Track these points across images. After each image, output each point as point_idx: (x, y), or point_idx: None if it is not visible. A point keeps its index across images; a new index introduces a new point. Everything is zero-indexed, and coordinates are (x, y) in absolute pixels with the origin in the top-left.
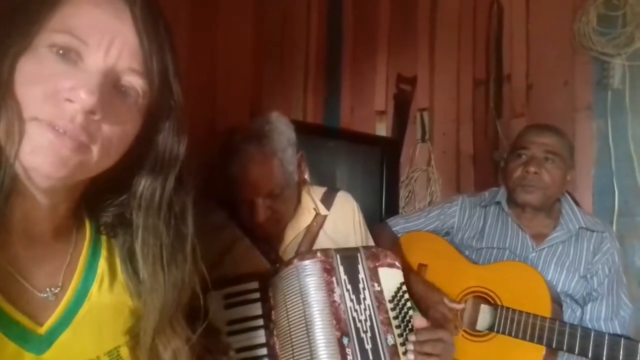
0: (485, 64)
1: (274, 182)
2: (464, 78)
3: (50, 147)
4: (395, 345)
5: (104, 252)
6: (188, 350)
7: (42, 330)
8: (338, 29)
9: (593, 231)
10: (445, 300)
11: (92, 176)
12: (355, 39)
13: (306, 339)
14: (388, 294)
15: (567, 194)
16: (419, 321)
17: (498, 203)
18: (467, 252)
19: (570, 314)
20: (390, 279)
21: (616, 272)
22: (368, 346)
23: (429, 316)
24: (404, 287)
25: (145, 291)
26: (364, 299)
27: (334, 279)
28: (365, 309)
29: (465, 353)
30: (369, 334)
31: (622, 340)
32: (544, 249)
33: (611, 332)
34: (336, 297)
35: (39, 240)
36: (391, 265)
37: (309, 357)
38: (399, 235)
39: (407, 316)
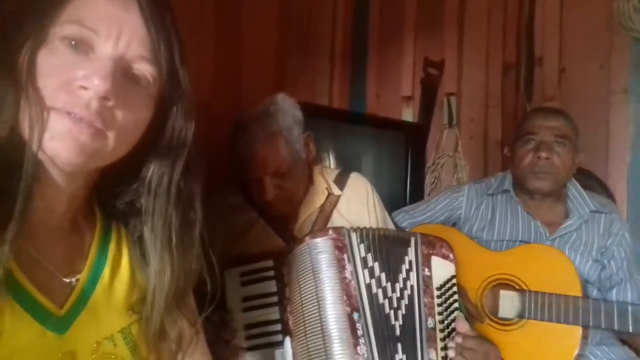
0: (516, 46)
1: (280, 160)
2: (493, 62)
3: (68, 133)
4: (434, 329)
5: (114, 238)
6: (193, 331)
7: (62, 312)
8: (364, 12)
9: (602, 213)
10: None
11: (106, 164)
12: (382, 23)
13: (317, 314)
14: (437, 281)
15: (572, 178)
16: (461, 324)
17: (506, 191)
18: None
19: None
20: (442, 269)
21: (631, 253)
22: (396, 322)
23: None
24: (454, 280)
25: (153, 274)
26: (406, 279)
27: (345, 256)
28: (404, 289)
29: (498, 344)
30: (401, 312)
31: None
32: (557, 237)
33: None
34: (347, 274)
35: (57, 229)
36: (445, 257)
37: (319, 332)
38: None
39: (452, 307)
